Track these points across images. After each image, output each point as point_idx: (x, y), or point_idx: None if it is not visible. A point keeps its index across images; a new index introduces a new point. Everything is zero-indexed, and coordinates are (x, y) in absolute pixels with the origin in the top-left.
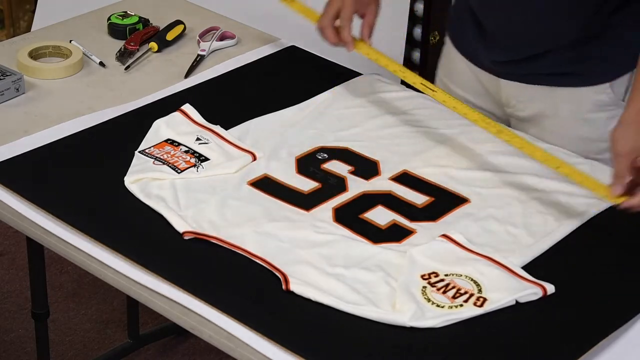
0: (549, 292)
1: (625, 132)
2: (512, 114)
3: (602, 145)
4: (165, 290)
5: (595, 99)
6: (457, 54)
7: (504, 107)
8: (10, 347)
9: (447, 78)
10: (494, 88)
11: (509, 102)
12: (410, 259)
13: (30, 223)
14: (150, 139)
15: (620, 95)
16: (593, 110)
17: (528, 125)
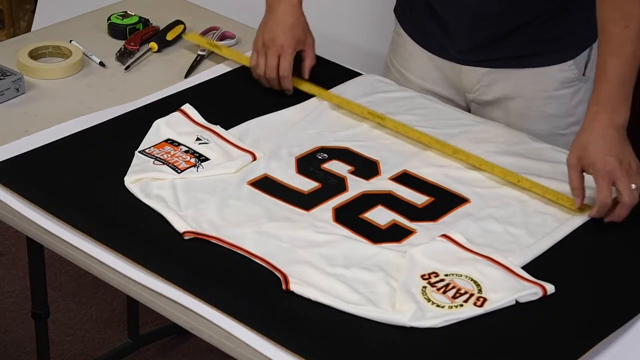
0: (549, 292)
1: (573, 144)
2: (474, 99)
3: (569, 119)
4: (165, 290)
5: (561, 77)
6: (413, 44)
7: (465, 92)
8: (10, 347)
9: (402, 67)
10: (455, 75)
11: (472, 87)
12: (410, 259)
13: (30, 223)
14: (151, 139)
15: (581, 69)
16: (558, 88)
17: (491, 108)
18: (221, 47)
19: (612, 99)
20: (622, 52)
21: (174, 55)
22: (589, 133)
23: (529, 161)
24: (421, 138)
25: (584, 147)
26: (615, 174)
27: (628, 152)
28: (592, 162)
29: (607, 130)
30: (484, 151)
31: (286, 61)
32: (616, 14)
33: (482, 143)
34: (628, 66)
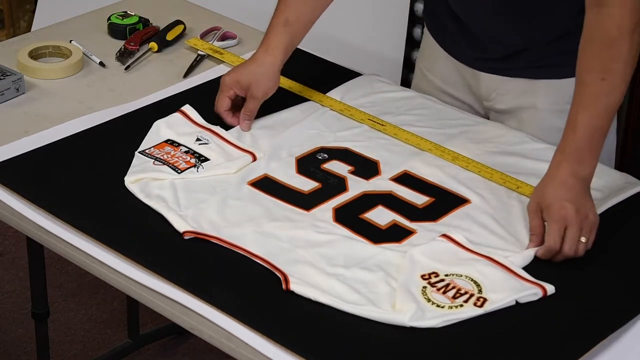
0: (549, 293)
1: (534, 190)
2: (491, 107)
3: None
4: (165, 290)
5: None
6: (436, 46)
7: (483, 100)
8: (10, 347)
9: (427, 70)
10: (474, 81)
11: (489, 95)
12: (410, 259)
13: (30, 223)
14: (150, 139)
15: None
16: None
17: (506, 117)
18: (224, 52)
19: (578, 151)
20: (594, 105)
21: (174, 55)
22: (550, 179)
23: (529, 161)
24: (421, 144)
25: (542, 192)
26: (569, 220)
27: (588, 204)
28: (548, 205)
29: (569, 179)
30: (484, 151)
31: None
32: (595, 65)
33: (482, 143)
34: (599, 120)
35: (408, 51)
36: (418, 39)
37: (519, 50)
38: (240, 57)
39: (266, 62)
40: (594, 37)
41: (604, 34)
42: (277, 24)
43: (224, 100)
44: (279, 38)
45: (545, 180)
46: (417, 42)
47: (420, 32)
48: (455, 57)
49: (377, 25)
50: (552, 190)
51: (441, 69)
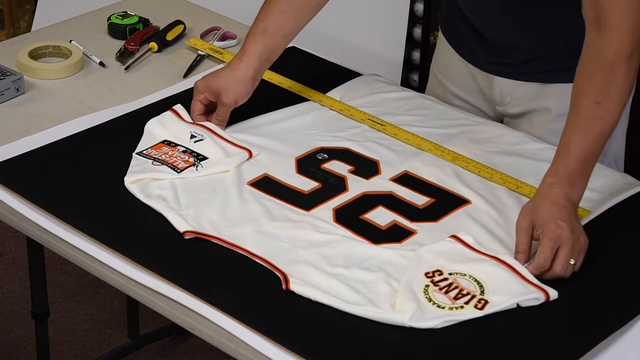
0: (552, 298)
1: (524, 208)
2: (504, 112)
3: None
4: (165, 290)
5: None
6: (450, 50)
7: (496, 105)
8: (10, 347)
9: (440, 73)
10: (487, 85)
11: (502, 99)
12: (417, 257)
13: (30, 223)
14: (146, 140)
15: None
16: None
17: (520, 121)
18: (224, 52)
19: (570, 175)
20: (589, 129)
21: (174, 55)
22: (542, 199)
23: (529, 161)
24: (421, 144)
25: (536, 210)
26: (562, 239)
27: (579, 226)
28: (544, 223)
29: (561, 201)
30: (484, 151)
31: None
32: (591, 88)
33: (482, 143)
34: (592, 144)
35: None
36: (418, 39)
37: (534, 57)
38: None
39: (239, 68)
40: (591, 60)
41: (601, 58)
42: (254, 32)
43: (195, 104)
44: (255, 45)
45: (537, 199)
46: (417, 42)
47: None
48: (470, 61)
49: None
50: (546, 209)
51: (455, 73)
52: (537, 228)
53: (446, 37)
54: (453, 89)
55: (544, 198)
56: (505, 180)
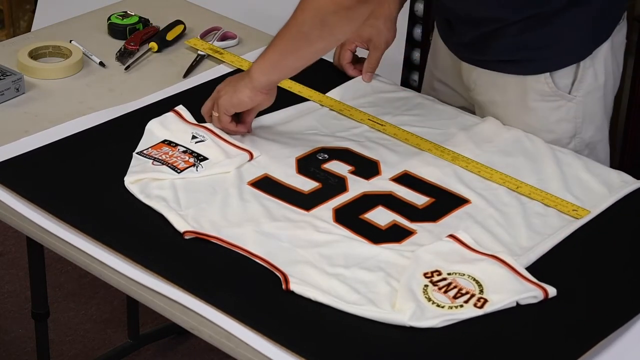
0: (551, 295)
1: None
2: (473, 98)
3: (547, 135)
4: (165, 290)
5: (538, 88)
6: (440, 41)
7: (467, 90)
8: (10, 347)
9: (433, 66)
10: (459, 70)
11: (469, 85)
12: (415, 257)
13: (30, 223)
14: (147, 140)
15: (564, 87)
16: (536, 99)
17: (484, 111)
18: (224, 52)
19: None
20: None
21: (174, 55)
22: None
23: (528, 161)
24: (421, 144)
25: None
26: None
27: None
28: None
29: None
30: (483, 151)
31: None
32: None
33: (481, 143)
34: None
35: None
36: (418, 39)
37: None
38: (240, 57)
39: (383, 12)
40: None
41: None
42: None
43: (346, 53)
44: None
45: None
46: (417, 42)
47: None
48: (448, 46)
49: None
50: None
51: (441, 60)
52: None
53: (438, 30)
54: (440, 76)
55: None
56: (505, 180)
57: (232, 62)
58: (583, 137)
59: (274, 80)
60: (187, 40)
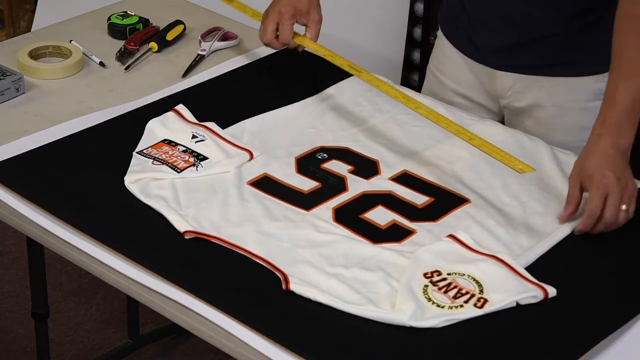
0: (550, 295)
1: (575, 162)
2: (507, 105)
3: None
4: (165, 290)
5: (595, 88)
6: (451, 48)
7: (499, 98)
8: (10, 347)
9: (439, 71)
10: (489, 80)
11: (505, 93)
12: (415, 258)
13: (30, 223)
14: (147, 139)
15: None
16: (592, 99)
17: (523, 116)
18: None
19: (618, 123)
20: (634, 77)
21: (174, 55)
22: (590, 151)
23: (528, 161)
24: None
25: (584, 162)
26: (610, 188)
27: (627, 172)
28: (590, 175)
29: (609, 151)
30: None
31: (285, 28)
32: (633, 39)
33: None
34: (638, 92)
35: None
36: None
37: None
38: (248, 7)
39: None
40: (632, 12)
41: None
42: None
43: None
44: None
45: (586, 152)
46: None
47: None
48: (470, 56)
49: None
50: (593, 161)
51: (454, 70)
52: (584, 179)
53: (445, 34)
54: (452, 86)
55: (591, 150)
56: (459, 131)
57: (238, 8)
58: None
59: None
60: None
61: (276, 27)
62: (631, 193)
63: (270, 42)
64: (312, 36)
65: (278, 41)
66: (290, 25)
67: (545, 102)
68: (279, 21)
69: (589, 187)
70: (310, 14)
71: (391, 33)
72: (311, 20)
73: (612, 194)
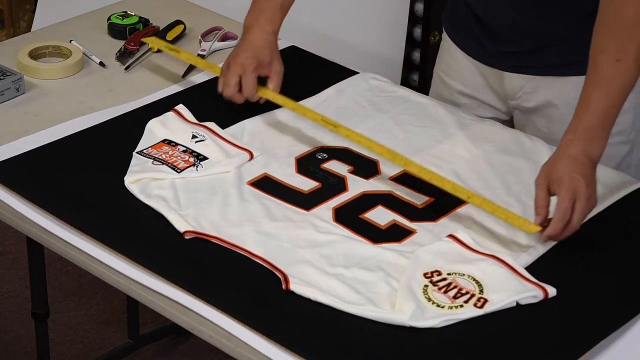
0: (550, 295)
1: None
2: (517, 106)
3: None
4: (165, 290)
5: None
6: (456, 50)
7: (508, 99)
8: (10, 347)
9: (445, 74)
10: (498, 81)
11: (514, 94)
12: (415, 258)
13: (30, 223)
14: (147, 139)
15: None
16: None
17: (534, 115)
18: (180, 50)
19: (590, 130)
20: (608, 85)
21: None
22: (560, 156)
23: (526, 160)
24: (373, 147)
25: (553, 166)
26: (579, 192)
27: (594, 183)
28: (560, 177)
29: (580, 157)
30: (482, 150)
31: (247, 81)
32: (611, 46)
33: (479, 142)
34: (612, 99)
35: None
36: (418, 39)
37: (545, 45)
38: (194, 56)
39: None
40: (611, 20)
41: (622, 17)
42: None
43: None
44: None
45: (555, 156)
46: (417, 42)
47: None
48: (478, 59)
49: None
50: (563, 165)
51: (461, 72)
52: (552, 182)
53: (451, 38)
54: (460, 88)
55: (562, 154)
56: (455, 189)
57: (189, 59)
58: (637, 125)
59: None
60: (146, 38)
61: (239, 80)
62: (592, 205)
63: (232, 95)
64: (275, 87)
65: (241, 95)
66: (254, 78)
67: (557, 100)
68: (242, 74)
69: (557, 189)
70: (272, 65)
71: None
72: (273, 72)
73: (580, 198)
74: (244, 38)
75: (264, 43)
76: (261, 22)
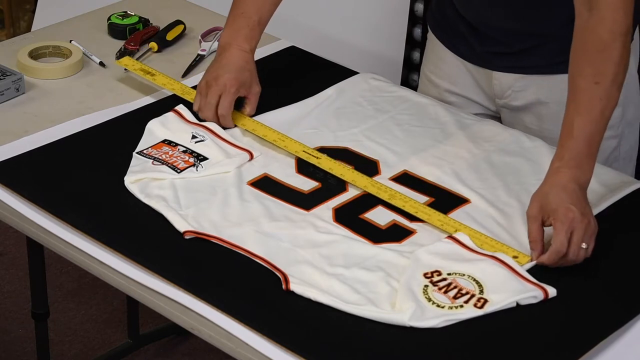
0: (551, 296)
1: (533, 196)
2: (505, 105)
3: None
4: (165, 290)
5: None
6: (443, 49)
7: (496, 98)
8: (10, 347)
9: (433, 74)
10: (486, 80)
11: (503, 93)
12: (415, 258)
13: (30, 223)
14: (147, 140)
15: None
16: None
17: (523, 113)
18: (156, 73)
19: (577, 157)
20: (590, 110)
21: (174, 55)
22: (551, 185)
23: (526, 160)
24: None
25: (546, 197)
26: (574, 224)
27: (589, 209)
28: (554, 210)
29: (569, 185)
30: (482, 150)
31: (226, 100)
32: (588, 69)
33: (479, 142)
34: (595, 124)
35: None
36: (418, 39)
37: (534, 45)
38: (173, 80)
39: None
40: (586, 41)
41: (596, 38)
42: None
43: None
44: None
45: (545, 186)
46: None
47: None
48: (465, 58)
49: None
50: (555, 196)
51: (448, 71)
52: (547, 214)
53: (438, 37)
54: (448, 87)
55: (552, 184)
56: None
57: (164, 84)
58: (626, 118)
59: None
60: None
61: (218, 100)
62: (593, 231)
63: (211, 117)
64: (251, 110)
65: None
66: (233, 99)
67: (547, 98)
68: (222, 94)
69: (553, 222)
70: (252, 87)
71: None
72: (252, 93)
73: (577, 230)
74: (222, 57)
75: (244, 64)
76: (239, 40)
